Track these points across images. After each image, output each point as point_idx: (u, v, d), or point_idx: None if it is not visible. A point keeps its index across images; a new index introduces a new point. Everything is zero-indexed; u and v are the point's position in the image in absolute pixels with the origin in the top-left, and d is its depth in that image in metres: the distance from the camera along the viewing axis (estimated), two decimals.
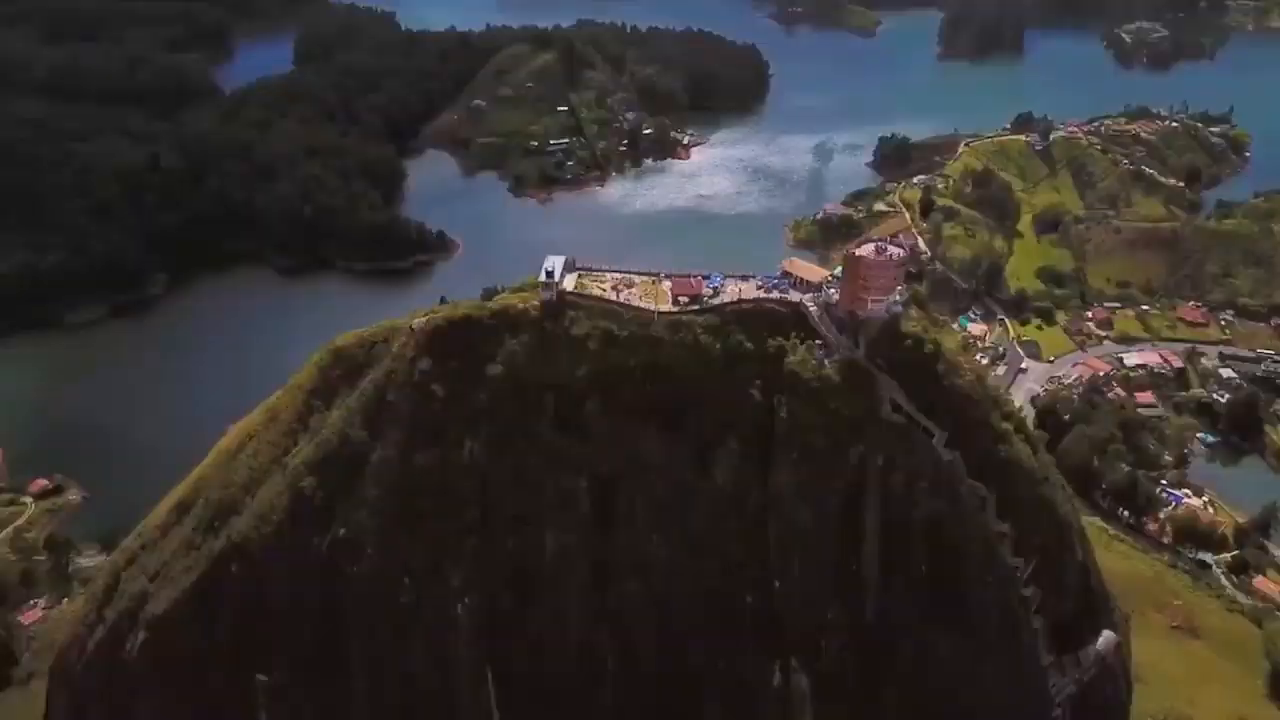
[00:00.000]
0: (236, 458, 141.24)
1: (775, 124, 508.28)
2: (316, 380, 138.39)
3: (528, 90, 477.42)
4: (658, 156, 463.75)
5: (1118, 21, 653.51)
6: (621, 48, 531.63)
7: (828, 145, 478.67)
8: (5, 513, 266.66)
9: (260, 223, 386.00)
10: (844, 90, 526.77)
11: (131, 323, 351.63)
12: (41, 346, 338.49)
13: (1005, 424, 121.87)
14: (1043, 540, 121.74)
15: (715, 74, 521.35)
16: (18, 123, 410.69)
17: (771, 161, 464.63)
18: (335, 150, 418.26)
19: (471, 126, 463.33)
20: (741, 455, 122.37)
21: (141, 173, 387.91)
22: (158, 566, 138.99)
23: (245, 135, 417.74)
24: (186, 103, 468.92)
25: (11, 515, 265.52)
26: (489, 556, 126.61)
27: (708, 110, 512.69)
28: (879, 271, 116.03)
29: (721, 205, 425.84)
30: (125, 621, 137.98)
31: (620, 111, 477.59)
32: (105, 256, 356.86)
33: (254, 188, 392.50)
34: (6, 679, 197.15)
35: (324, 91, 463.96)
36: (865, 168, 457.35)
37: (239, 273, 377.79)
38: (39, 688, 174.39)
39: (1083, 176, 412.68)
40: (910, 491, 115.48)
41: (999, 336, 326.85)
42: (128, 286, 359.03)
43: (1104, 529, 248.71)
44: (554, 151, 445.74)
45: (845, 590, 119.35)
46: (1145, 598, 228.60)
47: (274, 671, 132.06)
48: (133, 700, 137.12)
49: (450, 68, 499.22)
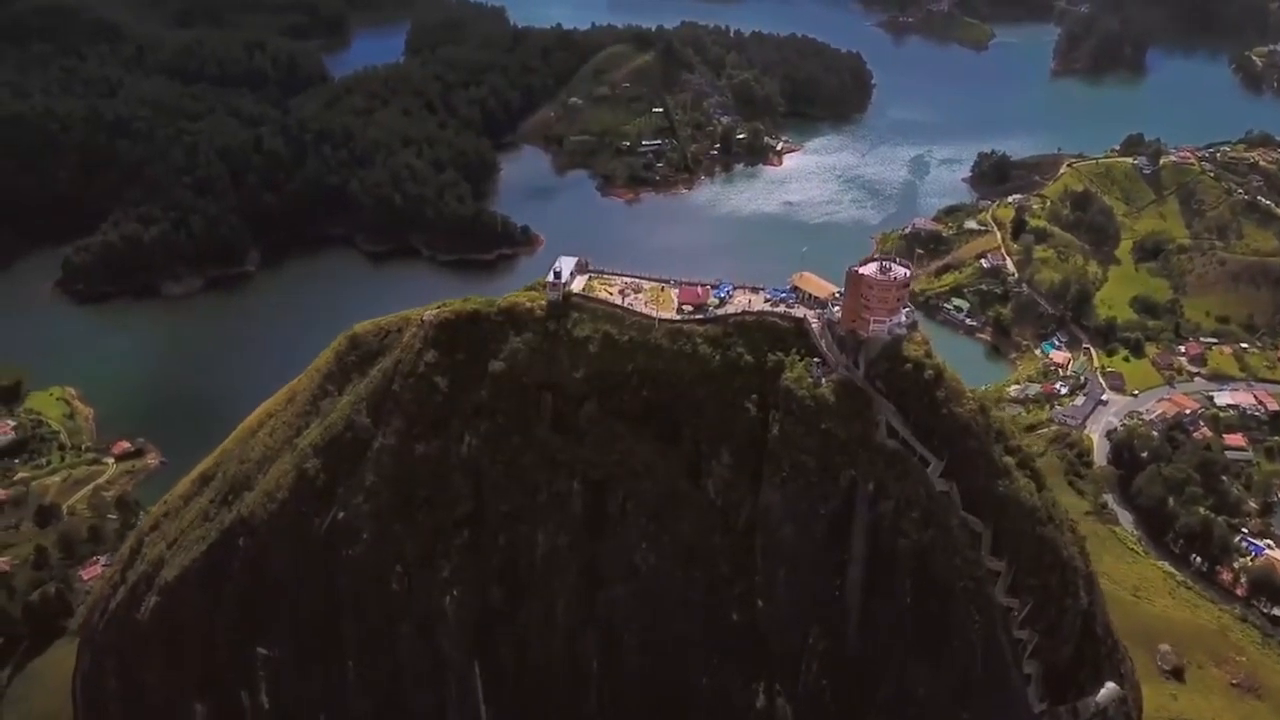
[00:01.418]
0: (255, 434, 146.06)
1: (873, 134, 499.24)
2: (333, 365, 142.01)
3: (624, 90, 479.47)
4: (749, 162, 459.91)
5: (1250, 44, 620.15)
6: (722, 51, 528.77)
7: (925, 158, 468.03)
8: (89, 471, 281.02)
9: (353, 208, 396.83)
10: (949, 104, 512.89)
11: (225, 296, 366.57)
12: (140, 314, 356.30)
13: (1007, 458, 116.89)
14: (1041, 582, 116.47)
15: (816, 81, 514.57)
16: (140, 101, 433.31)
17: (865, 172, 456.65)
18: (430, 140, 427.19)
19: (565, 124, 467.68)
20: (734, 469, 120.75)
21: (246, 153, 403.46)
22: (176, 534, 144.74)
23: (346, 122, 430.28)
24: (298, 88, 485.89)
25: (94, 474, 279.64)
26: (480, 551, 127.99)
27: (805, 117, 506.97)
28: (881, 291, 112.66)
29: (808, 213, 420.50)
30: (142, 585, 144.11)
31: (715, 115, 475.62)
32: (205, 232, 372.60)
33: (349, 173, 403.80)
34: (61, 630, 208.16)
35: (426, 82, 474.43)
36: (962, 183, 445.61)
37: (329, 255, 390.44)
38: None
39: (1191, 204, 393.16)
40: (899, 520, 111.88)
41: (1081, 365, 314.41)
42: (224, 261, 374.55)
43: (1171, 574, 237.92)
44: (645, 152, 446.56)
45: (828, 615, 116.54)
46: (1206, 650, 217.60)
47: (274, 646, 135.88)
48: (142, 662, 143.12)
49: (551, 64, 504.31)
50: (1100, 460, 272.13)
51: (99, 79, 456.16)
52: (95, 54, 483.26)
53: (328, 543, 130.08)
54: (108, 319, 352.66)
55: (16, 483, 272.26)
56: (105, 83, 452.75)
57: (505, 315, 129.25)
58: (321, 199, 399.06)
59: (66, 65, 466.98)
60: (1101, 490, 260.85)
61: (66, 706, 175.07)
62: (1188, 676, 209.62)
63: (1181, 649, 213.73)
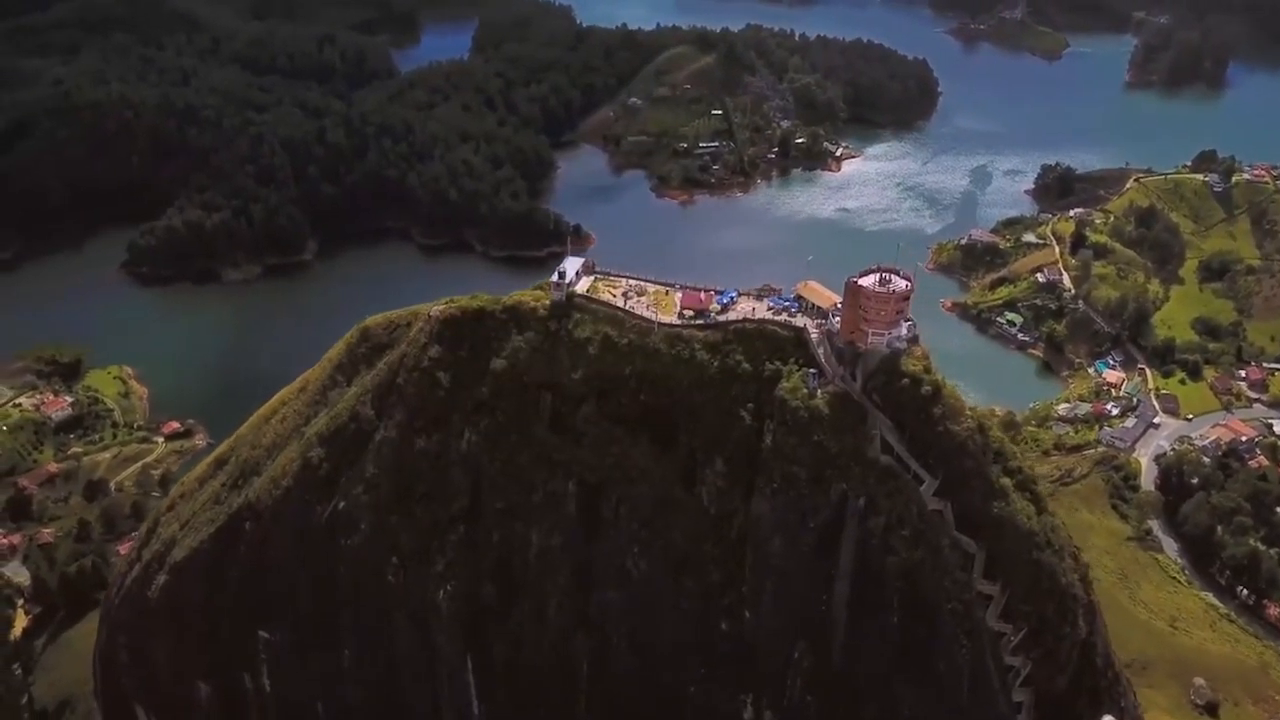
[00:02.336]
0: (269, 421, 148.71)
1: (936, 143, 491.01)
2: (343, 356, 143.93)
3: (685, 91, 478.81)
4: (807, 166, 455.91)
5: None
6: (785, 54, 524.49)
7: (988, 169, 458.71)
8: (138, 449, 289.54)
9: (410, 201, 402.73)
10: (1016, 114, 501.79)
11: (281, 284, 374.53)
12: (199, 298, 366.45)
13: (1005, 479, 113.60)
14: (1036, 608, 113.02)
15: (880, 87, 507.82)
16: (210, 90, 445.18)
17: (925, 180, 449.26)
18: (489, 137, 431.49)
19: (624, 124, 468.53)
20: (728, 477, 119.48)
21: (308, 145, 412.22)
22: (189, 515, 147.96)
23: (407, 116, 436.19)
24: (364, 82, 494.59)
25: (143, 452, 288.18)
26: (474, 547, 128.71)
27: (868, 123, 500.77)
28: (879, 303, 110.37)
29: (864, 220, 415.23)
30: (154, 564, 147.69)
31: (775, 118, 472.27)
32: (265, 220, 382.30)
33: (408, 167, 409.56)
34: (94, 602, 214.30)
35: (487, 79, 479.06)
36: (1024, 195, 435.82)
37: (385, 247, 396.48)
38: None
39: (1263, 224, 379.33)
40: (888, 537, 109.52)
41: (1135, 386, 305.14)
42: (282, 250, 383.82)
43: (1214, 606, 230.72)
44: (702, 154, 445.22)
45: (814, 630, 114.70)
46: (1243, 686, 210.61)
47: (275, 631, 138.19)
48: (151, 639, 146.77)
49: (614, 64, 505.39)
50: (1148, 485, 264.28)
51: (174, 68, 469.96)
52: (173, 44, 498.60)
53: (328, 532, 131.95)
54: (168, 302, 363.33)
55: (69, 457, 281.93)
56: (180, 72, 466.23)
57: (509, 313, 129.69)
58: (380, 192, 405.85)
59: (145, 54, 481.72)
60: (1146, 516, 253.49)
61: (92, 677, 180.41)
62: (1222, 713, 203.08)
63: (1217, 684, 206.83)
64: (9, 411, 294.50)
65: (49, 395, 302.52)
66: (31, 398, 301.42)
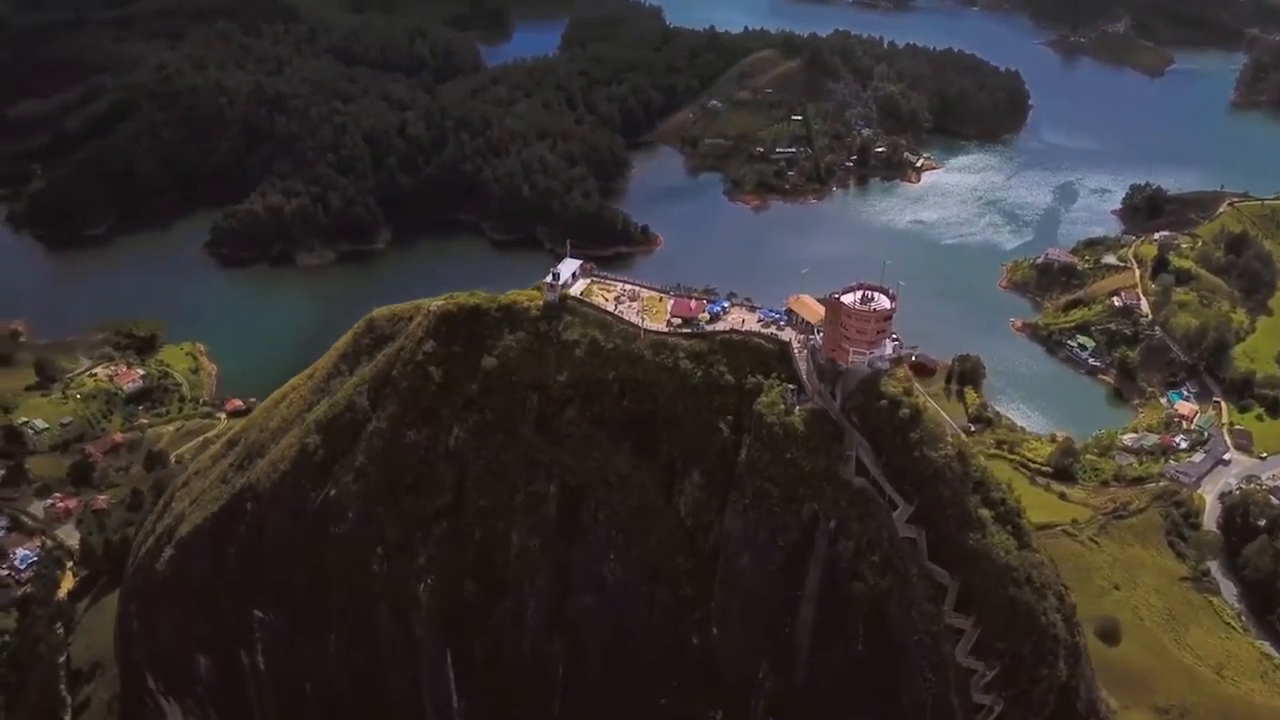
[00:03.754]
0: (278, 405, 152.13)
1: (1022, 157, 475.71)
2: (350, 345, 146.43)
3: (766, 95, 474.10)
4: (886, 176, 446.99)
5: None
6: (871, 62, 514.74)
7: (1074, 186, 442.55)
8: (201, 424, 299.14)
9: (483, 195, 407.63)
10: (1110, 131, 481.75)
11: (353, 271, 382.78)
12: (273, 281, 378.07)
13: (984, 510, 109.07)
14: (1010, 646, 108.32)
15: (967, 98, 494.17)
16: (301, 80, 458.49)
17: (1007, 195, 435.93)
18: (565, 135, 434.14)
19: (703, 126, 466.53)
20: (705, 489, 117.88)
21: (388, 136, 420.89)
22: (198, 493, 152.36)
23: (487, 111, 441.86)
24: (450, 76, 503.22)
25: (205, 427, 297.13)
26: (456, 543, 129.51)
27: (952, 134, 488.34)
28: (859, 322, 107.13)
29: (939, 233, 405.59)
30: (164, 538, 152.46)
31: (855, 126, 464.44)
32: (342, 208, 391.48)
33: (483, 162, 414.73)
34: None
35: (570, 78, 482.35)
36: (1110, 216, 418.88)
37: (457, 239, 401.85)
38: None
39: None
40: (857, 562, 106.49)
41: (1207, 419, 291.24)
42: (356, 238, 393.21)
43: (1269, 656, 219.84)
44: (778, 159, 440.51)
45: (778, 652, 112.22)
46: None
47: (269, 611, 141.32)
48: (157, 610, 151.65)
49: (697, 66, 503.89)
50: (1210, 524, 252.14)
51: (270, 57, 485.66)
52: (271, 33, 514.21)
53: (320, 518, 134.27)
54: (244, 283, 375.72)
55: (135, 428, 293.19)
56: (275, 60, 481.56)
57: (504, 312, 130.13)
58: (455, 185, 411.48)
59: (245, 43, 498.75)
60: (1205, 556, 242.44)
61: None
62: None
63: None
64: (84, 381, 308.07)
65: (123, 367, 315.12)
66: (107, 368, 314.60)
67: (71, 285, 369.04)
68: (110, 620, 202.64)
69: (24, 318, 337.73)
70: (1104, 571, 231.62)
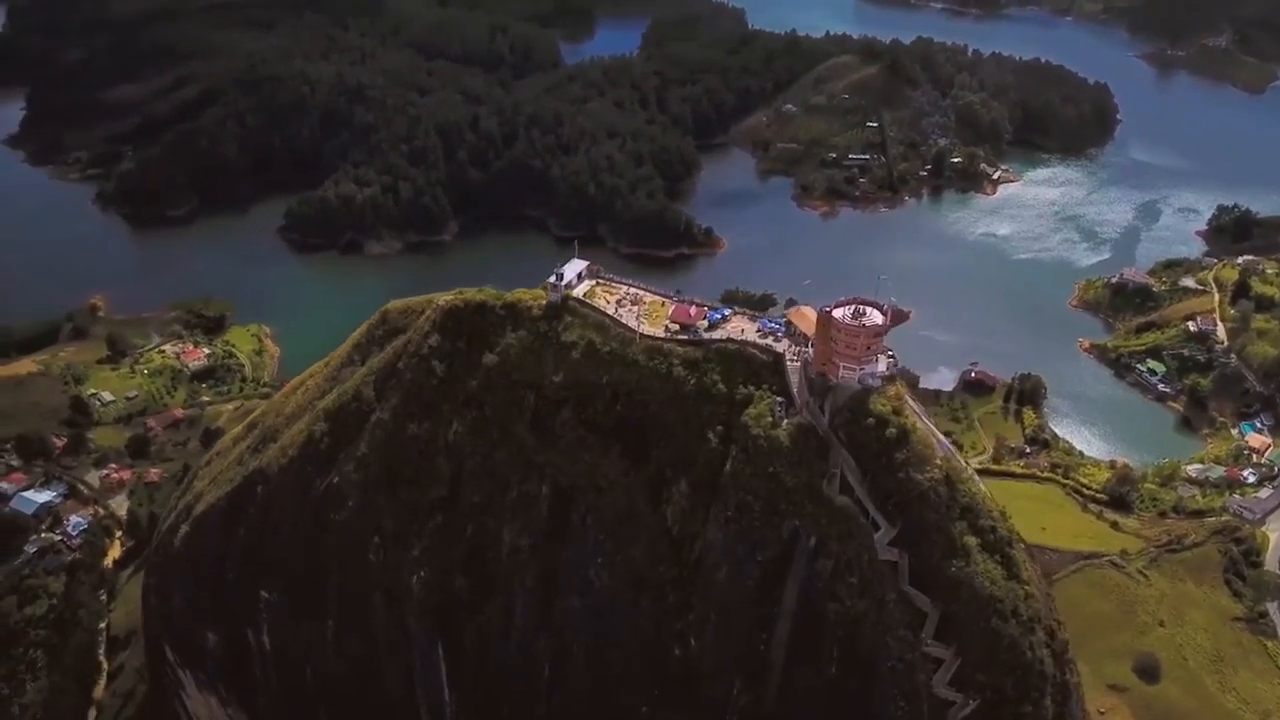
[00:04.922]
0: (295, 392, 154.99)
1: (1105, 173, 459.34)
2: (364, 336, 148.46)
3: (841, 101, 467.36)
4: (961, 187, 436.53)
5: None
6: (953, 70, 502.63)
7: (1158, 205, 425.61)
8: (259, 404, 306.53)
9: (549, 191, 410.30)
10: (1203, 149, 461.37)
11: (419, 261, 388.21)
12: (341, 267, 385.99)
13: (970, 538, 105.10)
14: (992, 680, 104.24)
15: (1051, 110, 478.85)
16: (381, 71, 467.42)
17: (1086, 211, 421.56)
18: (635, 134, 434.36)
19: (776, 129, 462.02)
20: (692, 499, 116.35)
21: (461, 130, 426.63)
22: (217, 472, 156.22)
23: (559, 109, 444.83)
24: (529, 73, 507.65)
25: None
26: (449, 537, 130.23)
27: (1033, 147, 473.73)
28: (849, 337, 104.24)
29: (1012, 247, 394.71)
30: (183, 514, 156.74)
31: (932, 135, 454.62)
32: (411, 199, 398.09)
33: (552, 159, 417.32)
34: None
35: (644, 78, 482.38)
36: (1194, 236, 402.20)
37: (522, 234, 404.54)
38: None
39: None
40: (834, 583, 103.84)
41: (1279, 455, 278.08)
42: (424, 229, 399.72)
43: None
44: (850, 166, 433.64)
45: (752, 668, 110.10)
46: None
47: (274, 592, 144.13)
48: (172, 584, 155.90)
49: (773, 69, 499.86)
50: (1272, 564, 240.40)
51: (354, 48, 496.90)
52: (357, 25, 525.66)
53: (321, 504, 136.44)
54: (314, 268, 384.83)
55: (196, 405, 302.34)
56: (359, 52, 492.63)
57: (508, 310, 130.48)
58: (523, 180, 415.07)
59: (331, 34, 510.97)
60: (1264, 597, 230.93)
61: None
62: None
63: None
64: (153, 356, 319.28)
65: (190, 345, 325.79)
66: (175, 346, 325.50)
67: (151, 264, 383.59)
68: None
69: (104, 293, 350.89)
70: (1149, 606, 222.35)
